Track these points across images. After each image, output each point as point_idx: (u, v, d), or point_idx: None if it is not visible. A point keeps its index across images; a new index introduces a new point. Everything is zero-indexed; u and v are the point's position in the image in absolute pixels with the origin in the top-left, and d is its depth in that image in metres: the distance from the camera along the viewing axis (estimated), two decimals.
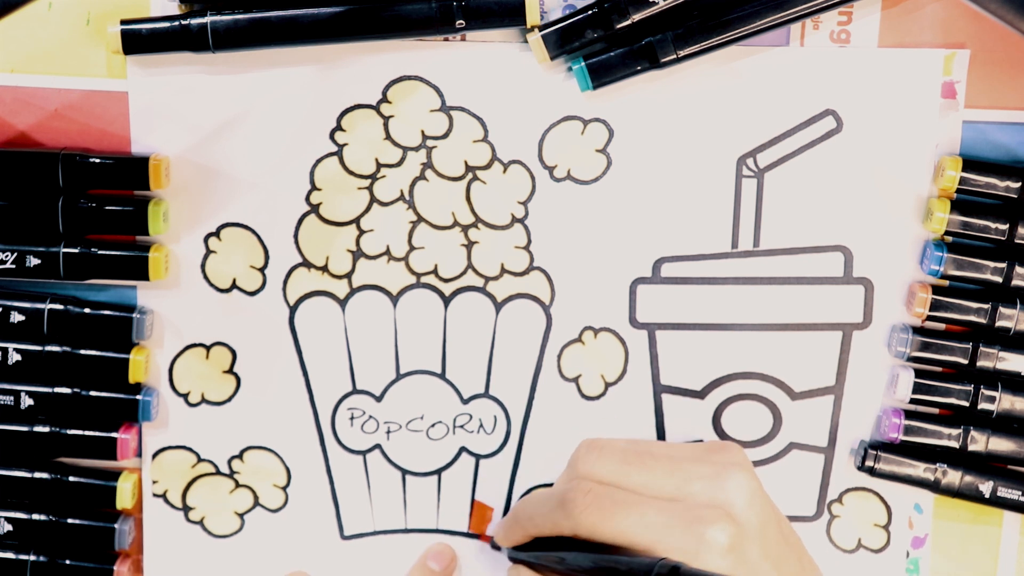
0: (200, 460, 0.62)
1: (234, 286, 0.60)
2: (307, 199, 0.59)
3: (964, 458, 0.60)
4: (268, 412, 0.61)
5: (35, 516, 0.60)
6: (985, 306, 0.59)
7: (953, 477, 0.60)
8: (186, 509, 0.62)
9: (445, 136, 0.59)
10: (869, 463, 0.60)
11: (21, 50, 0.57)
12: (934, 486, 0.60)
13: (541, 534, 0.55)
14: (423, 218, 0.59)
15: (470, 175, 0.59)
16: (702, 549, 0.50)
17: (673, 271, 0.60)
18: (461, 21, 0.56)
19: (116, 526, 0.60)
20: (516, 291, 0.60)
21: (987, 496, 0.60)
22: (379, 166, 0.59)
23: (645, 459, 0.54)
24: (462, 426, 0.62)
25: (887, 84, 0.58)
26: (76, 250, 0.58)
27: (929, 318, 0.59)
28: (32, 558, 0.60)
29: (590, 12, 0.56)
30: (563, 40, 0.56)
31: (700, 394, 0.61)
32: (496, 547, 0.61)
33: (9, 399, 0.59)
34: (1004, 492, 0.60)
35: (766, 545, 0.51)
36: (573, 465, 0.55)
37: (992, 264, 0.58)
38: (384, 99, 0.58)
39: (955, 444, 0.60)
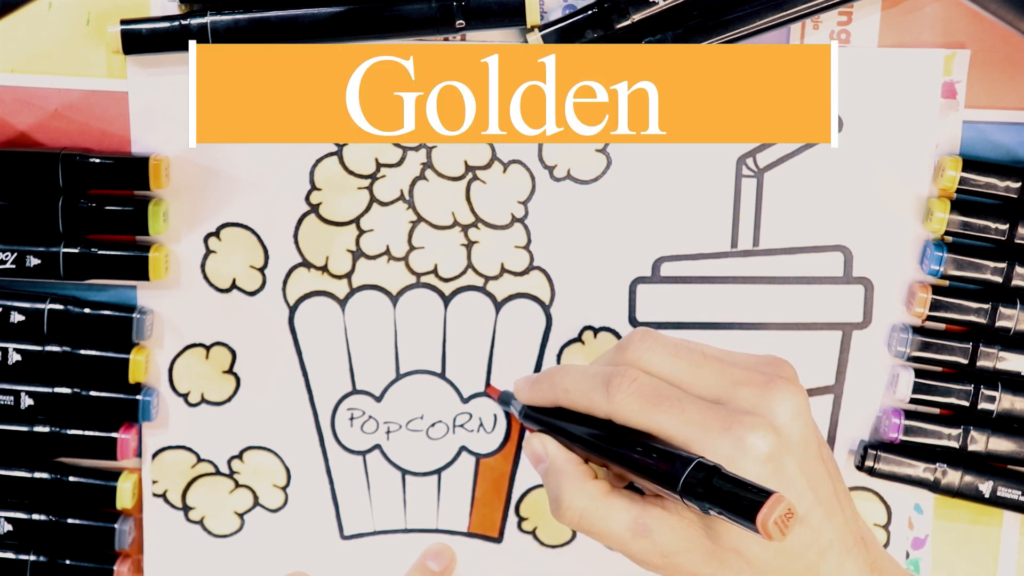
0: (200, 460, 0.62)
1: (234, 286, 0.60)
2: (307, 199, 0.59)
3: (964, 458, 0.60)
4: (268, 412, 0.61)
5: (35, 516, 0.60)
6: (985, 306, 0.59)
7: (953, 477, 0.60)
8: (186, 509, 0.62)
9: None
10: (869, 463, 0.60)
11: (21, 50, 0.57)
12: (934, 486, 0.60)
13: (572, 407, 0.54)
14: (423, 218, 0.59)
15: (470, 175, 0.59)
16: (739, 454, 0.48)
17: (673, 270, 0.60)
18: (461, 21, 0.56)
19: (116, 526, 0.60)
20: (516, 291, 0.60)
21: (987, 496, 0.60)
22: (379, 166, 0.59)
23: (696, 356, 0.52)
24: (462, 425, 0.62)
25: (887, 84, 0.58)
26: (76, 250, 0.58)
27: (929, 318, 0.59)
28: (32, 558, 0.60)
29: (590, 12, 0.56)
30: (563, 40, 0.56)
31: None
32: (503, 401, 0.60)
33: (9, 399, 0.59)
34: (1004, 492, 0.60)
35: (804, 462, 0.50)
36: (622, 349, 0.53)
37: (992, 264, 0.58)
38: None
39: (955, 444, 0.60)
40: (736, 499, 0.45)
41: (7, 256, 0.58)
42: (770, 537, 0.44)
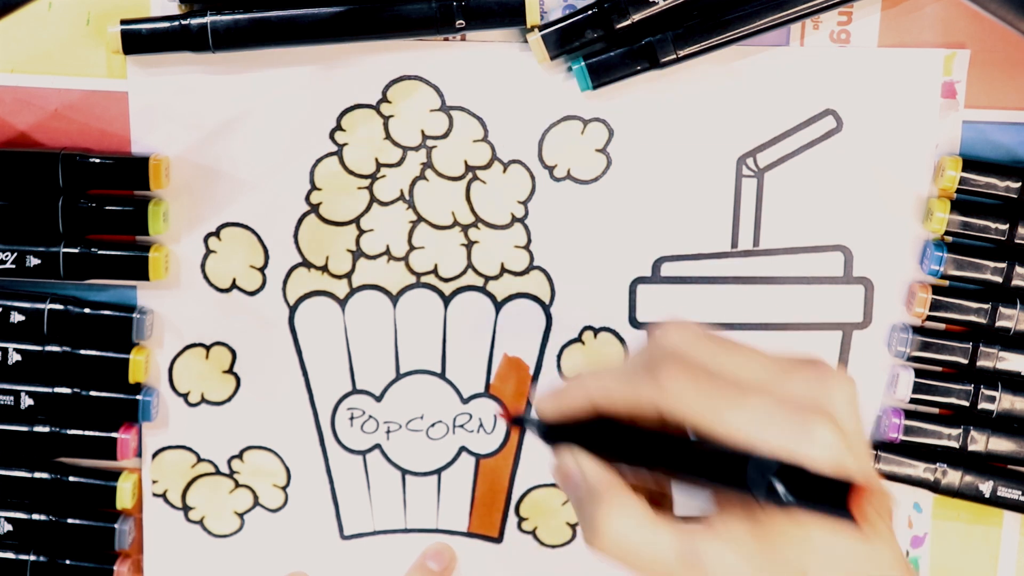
0: (200, 460, 0.62)
1: (234, 286, 0.60)
2: (307, 199, 0.59)
3: (964, 458, 0.60)
4: (268, 412, 0.61)
5: (35, 516, 0.60)
6: (985, 306, 0.59)
7: (953, 477, 0.60)
8: (186, 509, 0.62)
9: (445, 136, 0.59)
10: None
11: (21, 50, 0.57)
12: (934, 486, 0.60)
13: (611, 407, 0.46)
14: (423, 218, 0.59)
15: (470, 175, 0.59)
16: (807, 446, 0.43)
17: (673, 271, 0.60)
18: (461, 21, 0.56)
19: (116, 526, 0.60)
20: (516, 291, 0.60)
21: (987, 496, 0.60)
22: (379, 166, 0.59)
23: (736, 347, 0.46)
24: (462, 426, 0.62)
25: (887, 84, 0.58)
26: (76, 250, 0.58)
27: (929, 318, 0.59)
28: (32, 558, 0.60)
29: (590, 12, 0.56)
30: (563, 40, 0.56)
31: None
32: (517, 424, 0.57)
33: (9, 399, 0.59)
34: (1004, 492, 0.60)
35: (858, 457, 0.45)
36: (659, 341, 0.47)
37: (992, 264, 0.58)
38: (384, 99, 0.58)
39: (955, 444, 0.60)
40: (825, 493, 0.41)
41: (7, 256, 0.58)
42: (868, 523, 0.39)
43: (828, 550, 0.44)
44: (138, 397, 0.60)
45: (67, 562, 0.60)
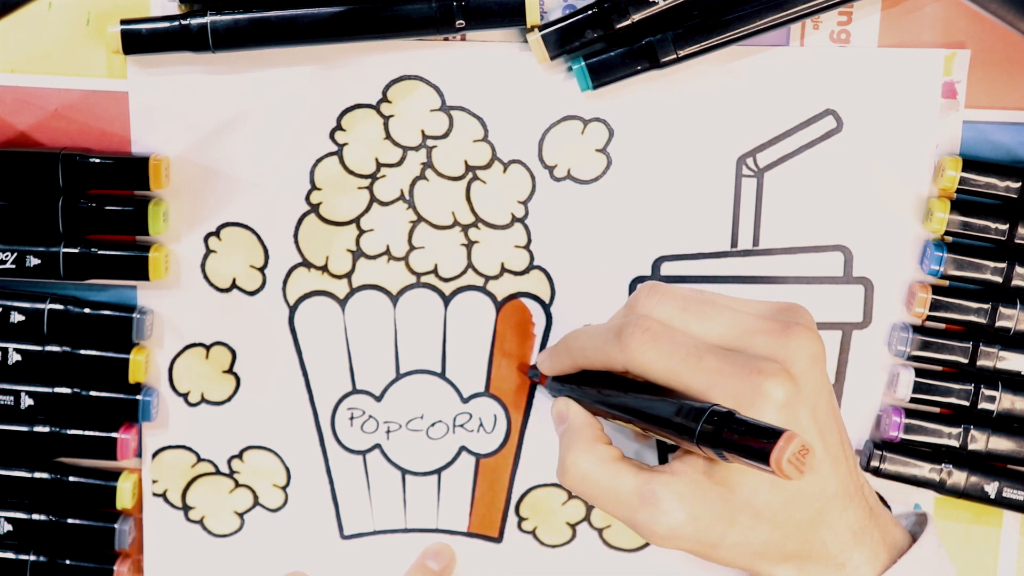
0: (200, 460, 0.62)
1: (234, 286, 0.60)
2: (307, 199, 0.59)
3: (965, 458, 0.60)
4: (268, 412, 0.61)
5: (35, 516, 0.60)
6: (985, 306, 0.59)
7: (958, 478, 0.60)
8: (186, 509, 0.62)
9: (445, 136, 0.59)
10: (875, 463, 0.60)
11: (21, 50, 0.57)
12: (939, 486, 0.60)
13: (590, 366, 0.54)
14: (423, 218, 0.59)
15: (470, 175, 0.59)
16: (757, 400, 0.48)
17: (673, 270, 0.60)
18: (461, 21, 0.56)
19: (116, 526, 0.60)
20: (516, 290, 0.60)
21: (992, 497, 0.60)
22: (379, 166, 0.59)
23: (707, 308, 0.52)
24: (462, 425, 0.62)
25: (887, 84, 0.58)
26: (76, 250, 0.58)
27: (929, 318, 0.59)
28: (32, 558, 0.60)
29: (590, 12, 0.56)
30: (563, 40, 0.56)
31: None
32: (533, 377, 0.60)
33: (9, 399, 0.59)
34: (1009, 493, 0.60)
35: (816, 412, 0.50)
36: (631, 306, 0.53)
37: (992, 264, 0.58)
38: (384, 99, 0.58)
39: (955, 443, 0.60)
40: (751, 441, 0.44)
41: (7, 256, 0.58)
42: (786, 476, 0.43)
43: (759, 493, 0.49)
44: (138, 397, 0.60)
45: (67, 562, 0.60)
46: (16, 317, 0.58)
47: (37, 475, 0.59)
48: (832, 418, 0.51)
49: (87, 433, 0.59)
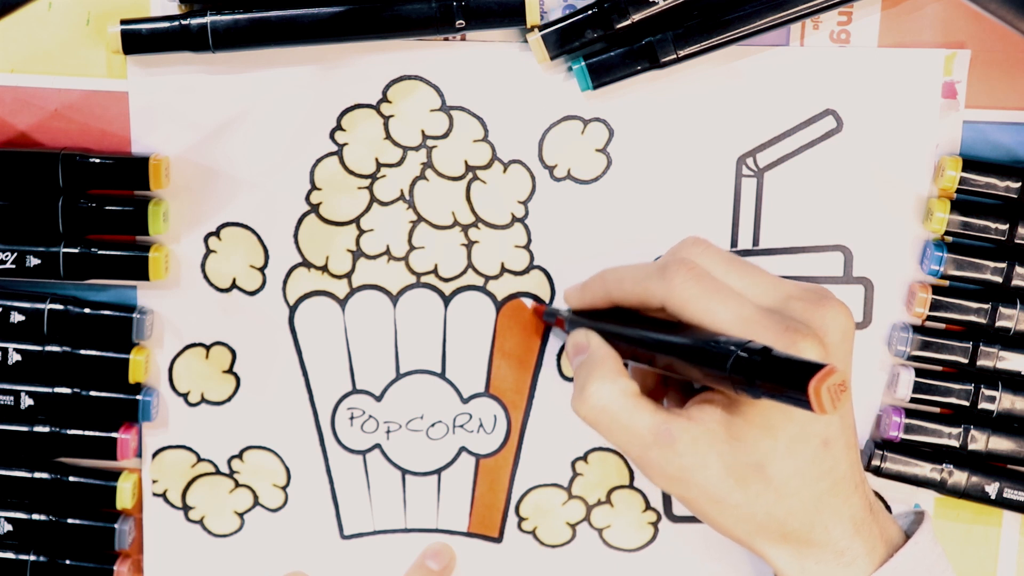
0: (200, 460, 0.62)
1: (234, 286, 0.60)
2: (307, 199, 0.59)
3: (964, 457, 0.60)
4: (268, 412, 0.61)
5: (35, 516, 0.60)
6: (985, 306, 0.59)
7: (959, 477, 0.60)
8: (186, 509, 0.62)
9: (445, 136, 0.59)
10: (875, 462, 0.60)
11: (21, 50, 0.57)
12: (940, 486, 0.60)
13: (624, 299, 0.54)
14: (423, 218, 0.59)
15: (470, 175, 0.59)
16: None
17: None
18: (461, 21, 0.56)
19: (116, 526, 0.60)
20: (516, 290, 0.60)
21: (993, 497, 0.60)
22: (379, 166, 0.59)
23: (748, 268, 0.52)
24: (462, 426, 0.62)
25: (887, 84, 0.58)
26: (76, 250, 0.58)
27: (929, 318, 0.59)
28: (32, 558, 0.60)
29: (590, 12, 0.56)
30: (563, 40, 0.56)
31: None
32: (549, 315, 0.59)
33: (9, 399, 0.59)
34: (1010, 494, 0.60)
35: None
36: (675, 252, 0.53)
37: (992, 264, 0.58)
38: (384, 99, 0.58)
39: (955, 443, 0.60)
40: (788, 371, 0.44)
41: (7, 256, 0.58)
42: (821, 405, 0.42)
43: (786, 437, 0.49)
44: (138, 397, 0.60)
45: (67, 562, 0.60)
46: (16, 317, 0.58)
47: (37, 475, 0.59)
48: (850, 401, 0.52)
49: (87, 433, 0.59)
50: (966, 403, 0.60)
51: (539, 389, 0.61)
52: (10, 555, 0.60)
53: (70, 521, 0.60)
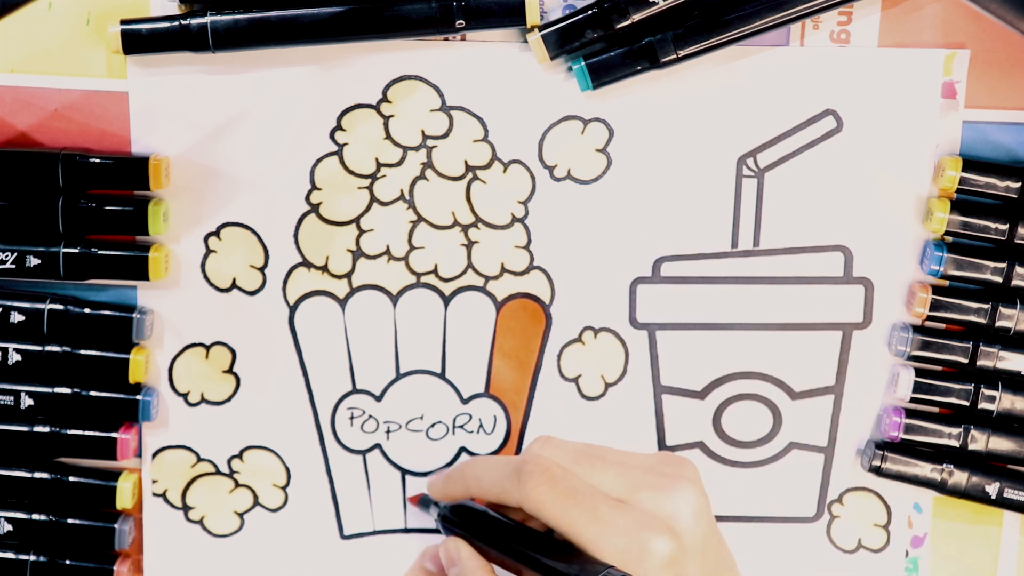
0: (200, 460, 0.62)
1: (234, 286, 0.60)
2: (307, 199, 0.59)
3: (964, 457, 0.60)
4: (268, 412, 0.61)
5: (35, 516, 0.60)
6: (985, 306, 0.59)
7: (959, 478, 0.60)
8: (186, 509, 0.62)
9: (445, 136, 0.59)
10: (876, 463, 0.60)
11: (21, 50, 0.57)
12: (940, 486, 0.60)
13: (483, 496, 0.55)
14: (423, 218, 0.59)
15: (470, 175, 0.59)
16: (645, 557, 0.50)
17: (673, 271, 0.60)
18: (461, 21, 0.56)
19: (116, 526, 0.60)
20: (516, 290, 0.60)
21: (993, 497, 0.60)
22: (379, 166, 0.59)
23: (596, 461, 0.54)
24: (462, 426, 0.62)
25: (887, 84, 0.58)
26: (76, 250, 0.58)
27: (929, 318, 0.60)
28: (32, 558, 0.60)
29: (590, 12, 0.56)
30: (563, 40, 0.56)
31: (700, 394, 0.61)
32: (424, 505, 0.60)
33: (9, 399, 0.59)
34: (1011, 494, 0.60)
35: (704, 563, 0.52)
36: (531, 449, 0.55)
37: (992, 264, 0.58)
38: (384, 99, 0.58)
39: (955, 443, 0.60)
40: None
41: (7, 256, 0.58)
42: None
43: None
44: (138, 397, 0.60)
45: (67, 562, 0.60)
46: (16, 317, 0.58)
47: (37, 475, 0.59)
48: (722, 566, 0.53)
49: (87, 433, 0.59)
50: (966, 403, 0.60)
51: (539, 390, 0.61)
52: (10, 555, 0.60)
53: (70, 521, 0.60)
